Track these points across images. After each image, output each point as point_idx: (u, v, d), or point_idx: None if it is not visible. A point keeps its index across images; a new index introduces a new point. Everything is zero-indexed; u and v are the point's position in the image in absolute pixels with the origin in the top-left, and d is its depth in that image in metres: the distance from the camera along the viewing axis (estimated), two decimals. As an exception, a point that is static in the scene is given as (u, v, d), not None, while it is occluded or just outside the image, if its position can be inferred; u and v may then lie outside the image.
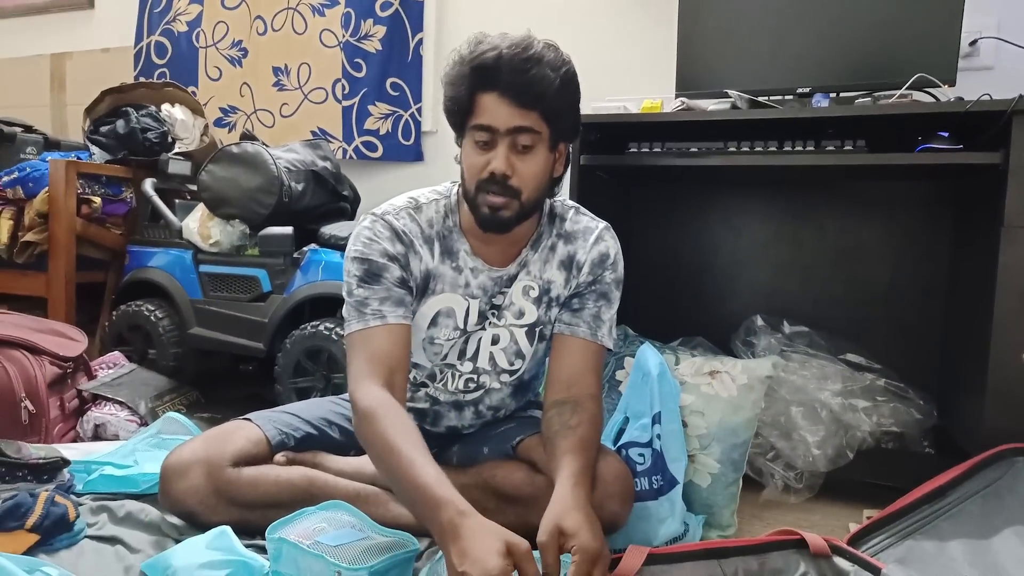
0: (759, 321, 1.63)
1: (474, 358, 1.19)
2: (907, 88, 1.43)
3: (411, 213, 1.13)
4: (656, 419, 1.23)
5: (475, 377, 1.20)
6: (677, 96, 1.68)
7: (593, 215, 1.21)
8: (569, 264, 1.16)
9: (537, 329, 1.18)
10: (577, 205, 1.22)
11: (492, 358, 1.19)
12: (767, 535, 1.00)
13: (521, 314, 1.17)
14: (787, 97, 1.60)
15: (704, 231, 1.95)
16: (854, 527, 1.09)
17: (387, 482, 0.99)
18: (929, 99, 1.46)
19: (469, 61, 1.03)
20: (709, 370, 1.37)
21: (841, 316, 1.77)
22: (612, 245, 1.18)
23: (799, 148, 1.44)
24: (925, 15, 1.47)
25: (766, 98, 1.58)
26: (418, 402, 1.24)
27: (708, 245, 1.94)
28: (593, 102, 1.69)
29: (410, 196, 1.16)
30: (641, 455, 1.20)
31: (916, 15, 1.48)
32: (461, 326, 1.16)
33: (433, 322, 1.15)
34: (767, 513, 1.40)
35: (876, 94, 1.51)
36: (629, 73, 2.12)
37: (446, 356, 1.18)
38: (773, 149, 1.46)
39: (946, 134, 1.37)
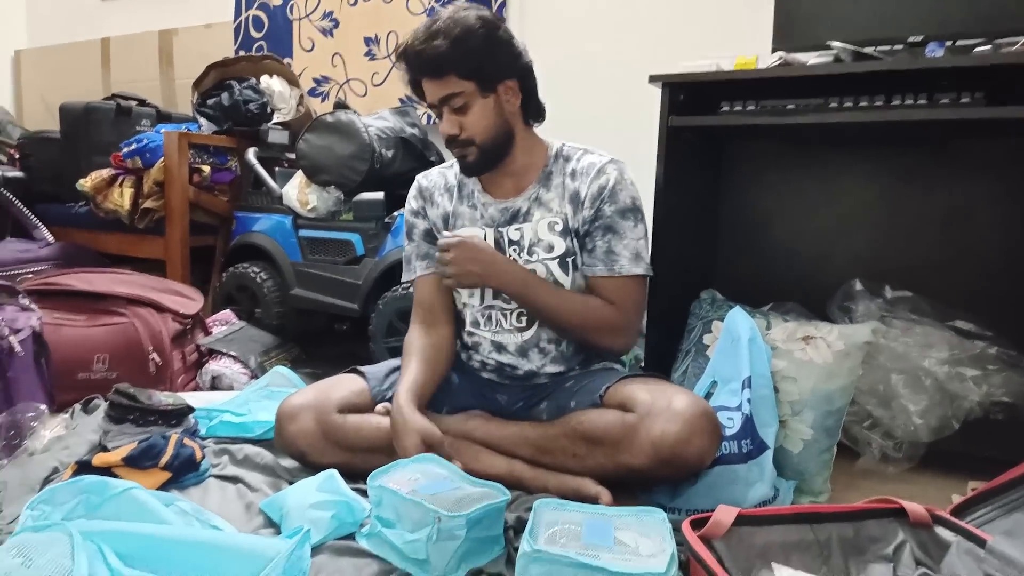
0: (858, 285, 1.55)
1: None
2: (1034, 34, 1.31)
3: (440, 170, 1.40)
4: (746, 384, 1.21)
5: (524, 310, 1.28)
6: (774, 51, 1.60)
7: (602, 152, 1.29)
8: (576, 199, 1.26)
9: (568, 259, 1.27)
10: (586, 147, 1.31)
11: None
12: (863, 503, 0.98)
13: (551, 248, 1.27)
14: (896, 47, 1.49)
15: (800, 192, 1.86)
16: (957, 499, 1.05)
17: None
18: (1060, 45, 1.34)
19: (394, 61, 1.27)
20: (803, 335, 1.34)
21: (950, 282, 1.67)
22: (613, 176, 1.25)
23: (909, 102, 1.35)
24: (1059, -50, 1.34)
25: (873, 49, 1.48)
26: (484, 354, 1.32)
27: (804, 207, 1.86)
28: (682, 60, 1.63)
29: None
30: (730, 419, 1.19)
31: (1048, -50, 1.35)
32: None
33: None
34: (863, 482, 1.37)
35: (997, 41, 1.39)
36: (721, 28, 2.03)
37: (483, 296, 1.29)
38: (879, 104, 1.38)
39: (1078, 83, 1.25)
